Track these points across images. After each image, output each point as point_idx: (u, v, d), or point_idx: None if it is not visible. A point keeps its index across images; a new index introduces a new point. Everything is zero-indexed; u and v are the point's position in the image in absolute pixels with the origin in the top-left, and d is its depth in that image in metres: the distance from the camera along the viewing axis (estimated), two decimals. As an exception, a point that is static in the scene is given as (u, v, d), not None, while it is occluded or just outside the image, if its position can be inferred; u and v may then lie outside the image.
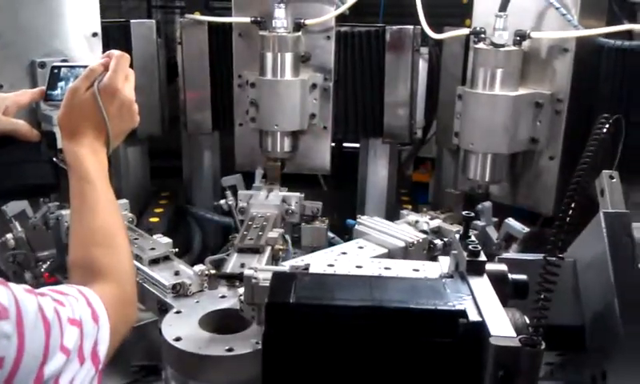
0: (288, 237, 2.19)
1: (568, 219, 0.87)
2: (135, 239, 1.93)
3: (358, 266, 1.52)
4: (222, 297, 1.65)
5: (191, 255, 2.79)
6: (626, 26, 2.09)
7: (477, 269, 1.01)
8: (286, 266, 1.58)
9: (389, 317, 0.88)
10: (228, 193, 2.42)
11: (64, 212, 2.03)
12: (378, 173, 2.86)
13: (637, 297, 1.09)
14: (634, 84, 2.08)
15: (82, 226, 1.23)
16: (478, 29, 2.15)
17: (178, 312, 1.59)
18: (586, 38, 2.07)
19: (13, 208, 2.13)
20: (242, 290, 1.45)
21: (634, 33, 2.13)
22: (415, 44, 2.60)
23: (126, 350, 1.68)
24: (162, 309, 1.69)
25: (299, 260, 1.68)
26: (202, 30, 2.67)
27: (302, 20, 2.42)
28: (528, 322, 0.91)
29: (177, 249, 1.93)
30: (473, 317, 0.88)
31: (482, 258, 1.01)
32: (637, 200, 1.93)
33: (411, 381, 0.92)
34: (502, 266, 1.03)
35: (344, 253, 1.86)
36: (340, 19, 2.59)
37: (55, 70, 1.49)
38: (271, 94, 2.42)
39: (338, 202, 3.01)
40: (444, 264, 1.35)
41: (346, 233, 2.26)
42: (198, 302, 1.65)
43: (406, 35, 2.58)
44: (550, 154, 2.20)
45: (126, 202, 2.20)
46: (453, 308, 0.90)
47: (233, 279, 1.63)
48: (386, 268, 1.41)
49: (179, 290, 1.69)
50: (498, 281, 0.99)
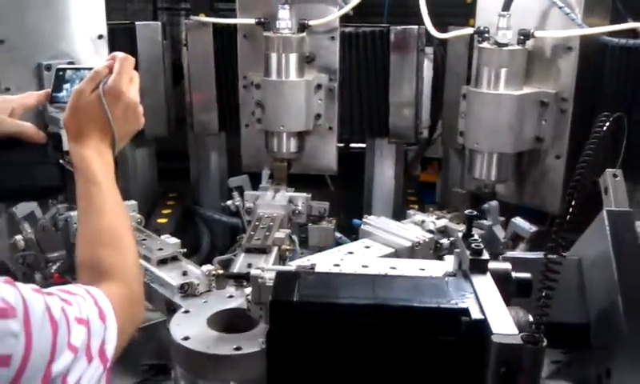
0: (295, 237, 2.20)
1: (569, 217, 0.88)
2: (143, 240, 1.95)
3: (364, 266, 1.54)
4: (230, 296, 1.67)
5: (199, 256, 2.81)
6: (631, 25, 2.09)
7: (480, 267, 1.02)
8: (292, 266, 1.60)
9: (392, 315, 0.90)
10: (235, 194, 2.44)
11: (73, 213, 2.05)
12: (384, 173, 2.87)
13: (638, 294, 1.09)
14: (638, 82, 2.08)
15: (89, 226, 1.25)
16: (481, 28, 2.16)
17: (186, 312, 1.61)
18: (590, 36, 2.07)
19: (22, 209, 2.16)
20: (249, 290, 1.47)
21: (638, 31, 2.13)
22: (420, 44, 2.60)
23: (135, 349, 1.71)
24: (171, 309, 1.71)
25: (305, 260, 1.70)
26: (207, 32, 2.69)
27: (306, 21, 2.43)
28: (531, 319, 0.92)
29: (185, 249, 1.94)
30: (475, 315, 0.89)
31: (485, 256, 1.02)
32: (641, 198, 1.94)
33: (414, 378, 0.93)
34: (506, 265, 1.04)
35: (350, 252, 1.87)
36: (345, 20, 2.60)
37: (60, 73, 1.50)
38: (276, 95, 2.44)
39: (345, 202, 3.02)
40: (450, 263, 1.36)
41: (353, 233, 2.27)
42: (205, 301, 1.66)
43: (410, 35, 2.59)
44: (556, 153, 2.21)
45: (134, 203, 2.22)
46: (455, 306, 0.91)
47: (240, 279, 1.64)
48: (392, 267, 1.43)
49: (187, 290, 1.70)
50: (501, 279, 1.00)
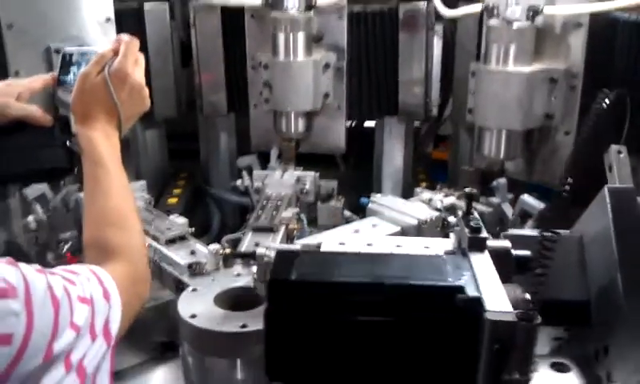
0: (303, 216, 2.21)
1: (565, 195, 0.87)
2: (152, 220, 1.97)
3: (369, 244, 1.54)
4: (238, 275, 1.69)
5: (210, 235, 2.83)
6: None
7: (478, 245, 1.02)
8: (298, 245, 1.61)
9: (387, 293, 0.90)
10: (244, 173, 2.45)
11: (82, 194, 2.07)
12: (393, 151, 2.86)
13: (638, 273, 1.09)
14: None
15: (96, 207, 1.27)
16: (490, 5, 2.13)
17: (194, 290, 1.63)
18: (601, 12, 2.04)
19: (33, 191, 2.18)
20: (255, 269, 1.49)
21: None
22: (429, 21, 2.58)
23: (146, 327, 1.74)
24: (179, 287, 1.73)
25: (312, 238, 1.71)
26: (214, 12, 2.68)
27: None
28: (528, 297, 0.92)
29: (193, 228, 1.96)
30: (470, 292, 0.90)
31: (484, 234, 1.03)
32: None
33: (410, 355, 0.94)
34: (505, 242, 1.04)
35: (357, 231, 1.88)
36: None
37: (67, 56, 1.52)
38: (284, 75, 2.43)
39: (356, 180, 3.02)
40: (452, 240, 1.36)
41: (362, 211, 2.28)
42: (213, 280, 1.68)
43: (419, 13, 2.57)
44: (566, 130, 2.19)
45: (143, 182, 2.24)
46: (451, 284, 0.91)
47: (247, 258, 1.66)
48: (398, 245, 1.43)
49: (195, 269, 1.72)
50: (500, 257, 1.01)
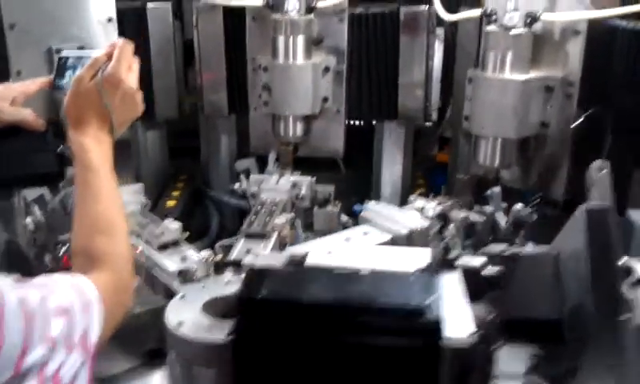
0: (298, 221, 2.22)
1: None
2: (146, 224, 1.98)
3: (355, 255, 1.55)
4: (228, 282, 1.69)
5: (209, 238, 2.84)
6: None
7: (449, 263, 1.02)
8: (283, 255, 1.62)
9: (350, 314, 0.91)
10: (242, 177, 2.45)
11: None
12: (393, 155, 2.86)
13: (611, 294, 1.08)
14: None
15: (85, 213, 1.29)
16: (488, 10, 2.12)
17: (182, 297, 1.64)
18: (599, 19, 2.02)
19: (32, 192, 2.21)
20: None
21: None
22: (430, 24, 2.57)
23: (139, 332, 1.75)
24: (170, 294, 1.74)
25: (302, 246, 1.72)
26: (217, 13, 2.68)
27: (313, 2, 2.41)
28: (493, 317, 0.92)
29: (187, 233, 1.96)
30: (433, 314, 0.90)
31: (456, 252, 1.03)
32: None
33: (374, 376, 0.94)
34: (478, 259, 1.04)
35: (348, 239, 1.88)
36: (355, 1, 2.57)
37: (63, 60, 1.53)
38: (283, 78, 2.43)
39: (357, 182, 3.02)
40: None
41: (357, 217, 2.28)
42: (203, 287, 1.69)
43: (420, 16, 2.56)
44: (562, 139, 2.17)
45: (140, 186, 2.25)
46: (414, 306, 0.91)
47: (236, 266, 1.67)
48: (377, 256, 1.44)
49: (185, 276, 1.73)
50: (472, 274, 1.01)
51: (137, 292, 1.88)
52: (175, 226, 1.96)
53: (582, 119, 0.99)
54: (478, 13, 2.20)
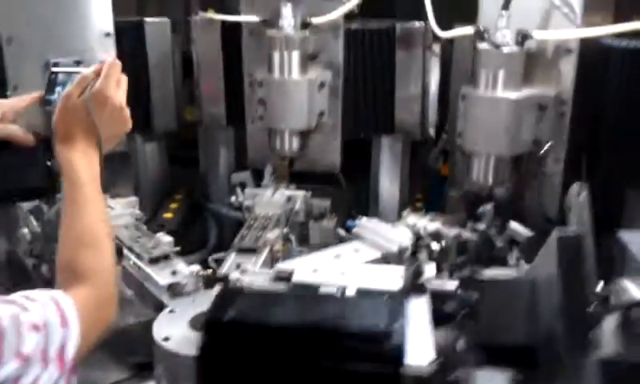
0: (292, 236, 2.23)
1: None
2: (139, 237, 1.99)
3: (339, 274, 1.56)
4: (217, 297, 1.71)
5: (206, 250, 2.85)
6: (635, 25, 2.02)
7: (418, 288, 1.02)
8: (272, 270, 1.63)
9: (316, 337, 0.91)
10: (238, 190, 2.46)
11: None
12: (390, 170, 2.86)
13: (581, 322, 1.08)
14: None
15: (70, 228, 1.31)
16: (480, 28, 2.13)
17: (171, 311, 1.65)
18: (591, 38, 2.03)
19: (28, 203, 2.23)
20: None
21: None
22: (427, 40, 2.58)
23: (129, 345, 1.77)
24: (160, 307, 1.75)
25: (287, 263, 1.73)
26: (215, 27, 2.71)
27: (308, 18, 2.43)
28: (460, 344, 0.92)
29: (179, 247, 1.97)
30: (396, 340, 0.90)
31: (427, 275, 1.03)
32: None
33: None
34: (451, 283, 1.05)
35: (338, 255, 1.88)
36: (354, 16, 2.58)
37: (53, 75, 1.55)
38: (279, 93, 2.45)
39: (357, 195, 3.02)
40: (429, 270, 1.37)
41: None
42: (193, 301, 1.70)
43: (416, 32, 2.57)
44: (554, 157, 2.17)
45: (135, 199, 2.27)
46: (377, 330, 0.92)
47: (224, 281, 1.68)
48: (363, 275, 1.44)
49: (175, 290, 1.75)
50: (444, 299, 1.01)
51: (128, 304, 1.90)
52: (167, 239, 1.98)
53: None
54: (470, 30, 2.21)
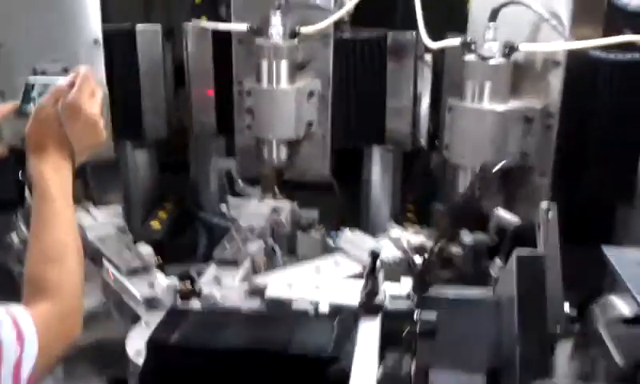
0: (277, 247, 2.21)
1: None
2: (119, 249, 1.98)
3: (316, 287, 1.55)
4: (194, 310, 1.69)
5: (197, 258, 2.84)
6: (623, 38, 1.99)
7: (371, 309, 1.00)
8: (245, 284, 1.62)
9: (258, 360, 0.89)
10: (225, 205, 2.44)
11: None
12: (380, 179, 2.83)
13: (539, 344, 1.05)
14: (632, 101, 2.01)
15: (37, 241, 1.29)
16: (468, 40, 2.11)
17: (146, 324, 1.63)
18: (579, 50, 2.00)
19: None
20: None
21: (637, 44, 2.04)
22: (418, 51, 2.56)
23: (105, 359, 1.75)
24: (137, 320, 1.74)
25: (262, 277, 1.71)
26: (206, 36, 2.70)
27: (297, 27, 2.41)
28: (409, 369, 0.90)
29: (158, 258, 1.96)
30: (342, 365, 0.88)
31: (380, 298, 1.01)
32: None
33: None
34: (408, 304, 1.02)
35: (318, 268, 1.87)
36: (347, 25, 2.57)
37: (29, 86, 1.54)
38: (266, 102, 2.43)
39: (351, 203, 2.99)
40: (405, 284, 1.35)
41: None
42: (169, 314, 1.69)
43: (408, 42, 2.54)
44: (541, 170, 2.15)
45: (119, 207, 2.27)
46: (322, 354, 0.90)
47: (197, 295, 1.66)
48: (336, 291, 1.43)
49: (151, 303, 1.73)
50: (402, 319, 0.99)
51: (106, 317, 1.89)
52: (147, 250, 1.97)
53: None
54: (458, 41, 2.19)
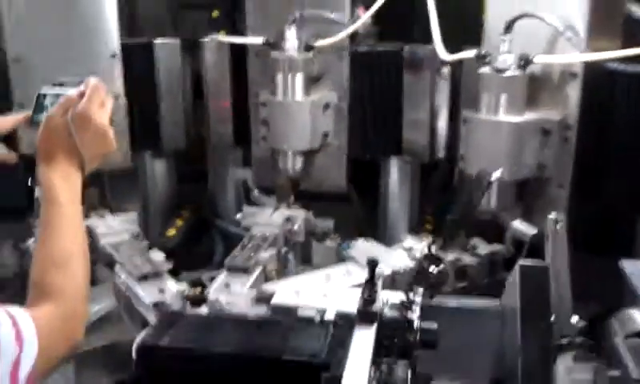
0: (291, 255, 2.21)
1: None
2: (131, 255, 2.00)
3: (324, 295, 1.53)
4: (203, 316, 1.69)
5: (212, 266, 2.84)
6: (634, 50, 1.96)
7: (367, 317, 0.99)
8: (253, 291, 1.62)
9: (251, 365, 0.89)
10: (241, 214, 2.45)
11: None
12: (399, 191, 2.82)
13: (539, 358, 1.02)
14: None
15: (43, 247, 1.31)
16: (483, 52, 2.10)
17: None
18: (597, 62, 1.97)
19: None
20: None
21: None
22: (435, 63, 2.55)
23: (113, 363, 1.76)
24: (146, 325, 1.74)
25: (271, 285, 1.71)
26: (224, 49, 2.74)
27: (312, 40, 2.43)
28: (406, 376, 0.88)
29: (171, 265, 1.97)
30: (333, 372, 0.87)
31: (377, 307, 0.99)
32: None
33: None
34: (406, 314, 1.01)
35: (329, 277, 1.86)
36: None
37: (41, 97, 1.57)
38: (281, 114, 2.45)
39: (367, 217, 2.99)
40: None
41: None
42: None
43: (424, 54, 2.54)
44: (559, 182, 2.11)
45: (135, 215, 2.29)
46: (316, 360, 0.89)
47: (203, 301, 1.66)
48: (343, 299, 1.41)
49: (161, 308, 1.73)
50: (401, 329, 0.97)
51: (117, 320, 1.90)
52: (159, 256, 1.98)
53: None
54: (473, 54, 2.18)
